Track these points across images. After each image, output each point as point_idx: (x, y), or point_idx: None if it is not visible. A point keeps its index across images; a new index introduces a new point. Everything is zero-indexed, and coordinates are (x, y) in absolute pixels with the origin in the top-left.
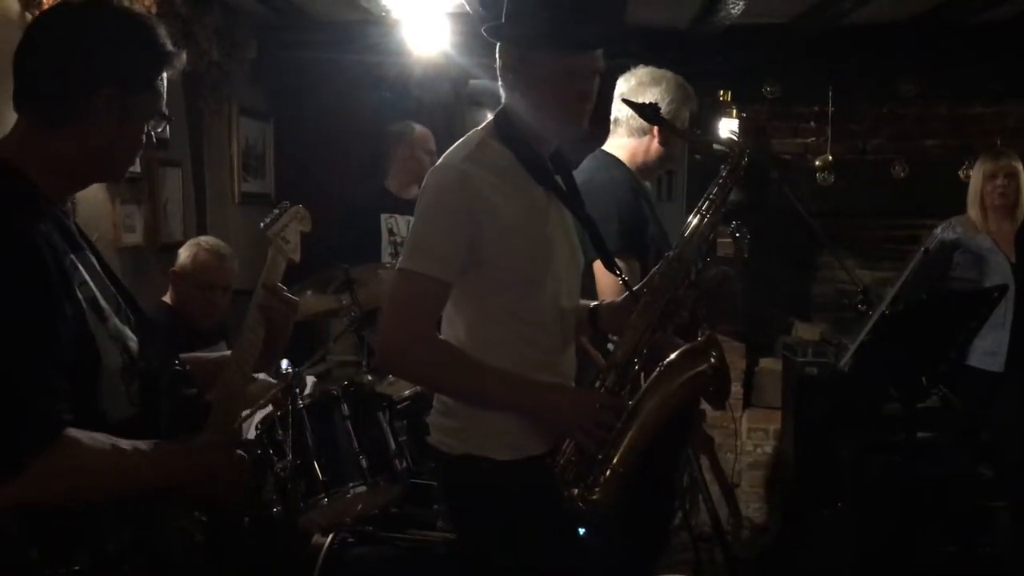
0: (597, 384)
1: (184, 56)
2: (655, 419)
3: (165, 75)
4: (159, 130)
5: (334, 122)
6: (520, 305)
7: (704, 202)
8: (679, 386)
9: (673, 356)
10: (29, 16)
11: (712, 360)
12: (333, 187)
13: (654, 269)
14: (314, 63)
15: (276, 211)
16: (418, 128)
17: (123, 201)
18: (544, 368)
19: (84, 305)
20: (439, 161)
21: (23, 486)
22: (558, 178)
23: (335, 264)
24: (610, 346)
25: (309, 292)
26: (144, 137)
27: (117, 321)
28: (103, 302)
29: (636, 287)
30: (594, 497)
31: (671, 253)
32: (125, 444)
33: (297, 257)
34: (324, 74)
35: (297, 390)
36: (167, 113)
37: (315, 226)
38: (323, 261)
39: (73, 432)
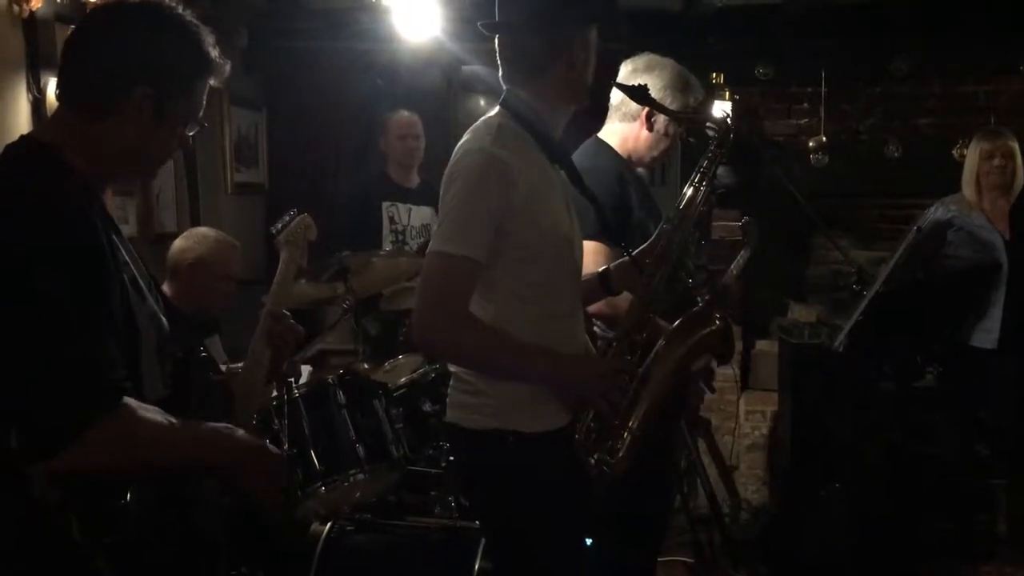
0: (609, 353)
1: (228, 67)
2: (668, 383)
3: (207, 82)
4: (192, 134)
5: (326, 110)
6: (545, 280)
7: (696, 174)
8: (688, 349)
9: (680, 321)
10: (16, 8)
11: (717, 323)
12: (326, 175)
13: (652, 239)
14: (305, 51)
15: (286, 217)
16: (397, 114)
17: (115, 192)
18: (565, 340)
19: (127, 284)
20: (466, 145)
21: (80, 452)
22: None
23: (331, 252)
24: (596, 329)
25: (303, 280)
26: (177, 141)
27: (152, 302)
28: (141, 282)
29: (635, 252)
30: (616, 462)
31: (668, 225)
32: (176, 420)
33: (304, 262)
34: (315, 62)
35: (292, 379)
36: (203, 120)
37: (310, 213)
38: (321, 249)
39: (131, 402)
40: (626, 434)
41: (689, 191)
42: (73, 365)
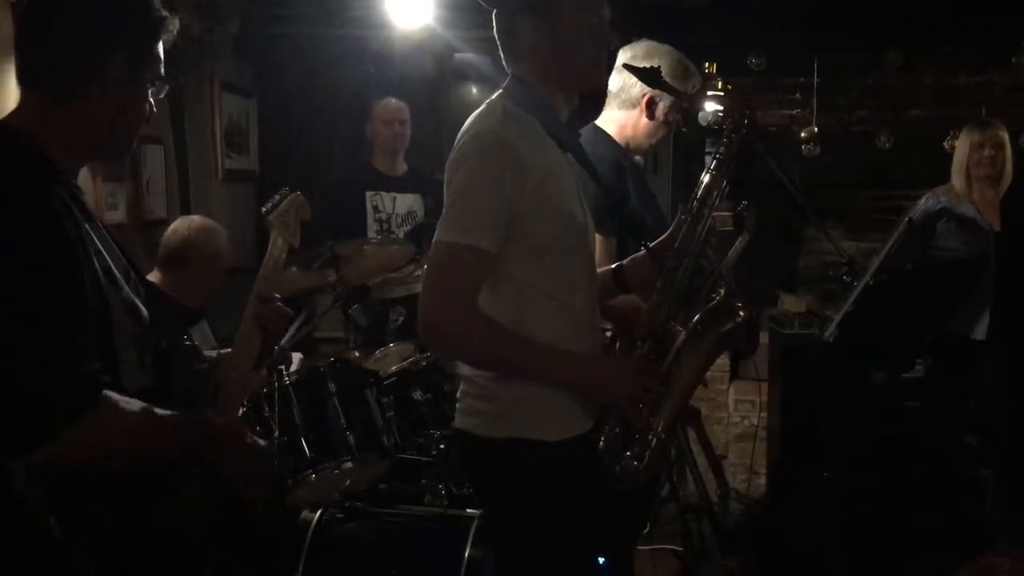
0: (637, 351)
1: (177, 21)
2: (691, 382)
3: (161, 40)
4: (161, 96)
5: (318, 97)
6: (558, 272)
7: (713, 162)
8: (710, 346)
9: (700, 316)
10: None
11: (740, 316)
12: (318, 163)
13: (671, 230)
14: (297, 38)
15: (277, 197)
16: (384, 101)
17: (105, 179)
18: (579, 335)
19: (100, 273)
20: (472, 129)
21: (59, 446)
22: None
23: (320, 241)
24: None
25: (294, 268)
26: (149, 105)
27: (129, 291)
28: (116, 272)
29: (652, 244)
30: (643, 466)
31: (686, 216)
32: (157, 411)
33: (296, 243)
34: (307, 49)
35: (283, 367)
36: (168, 79)
37: None
38: (308, 238)
39: (110, 395)
40: (652, 438)
41: (707, 179)
42: (47, 360)
